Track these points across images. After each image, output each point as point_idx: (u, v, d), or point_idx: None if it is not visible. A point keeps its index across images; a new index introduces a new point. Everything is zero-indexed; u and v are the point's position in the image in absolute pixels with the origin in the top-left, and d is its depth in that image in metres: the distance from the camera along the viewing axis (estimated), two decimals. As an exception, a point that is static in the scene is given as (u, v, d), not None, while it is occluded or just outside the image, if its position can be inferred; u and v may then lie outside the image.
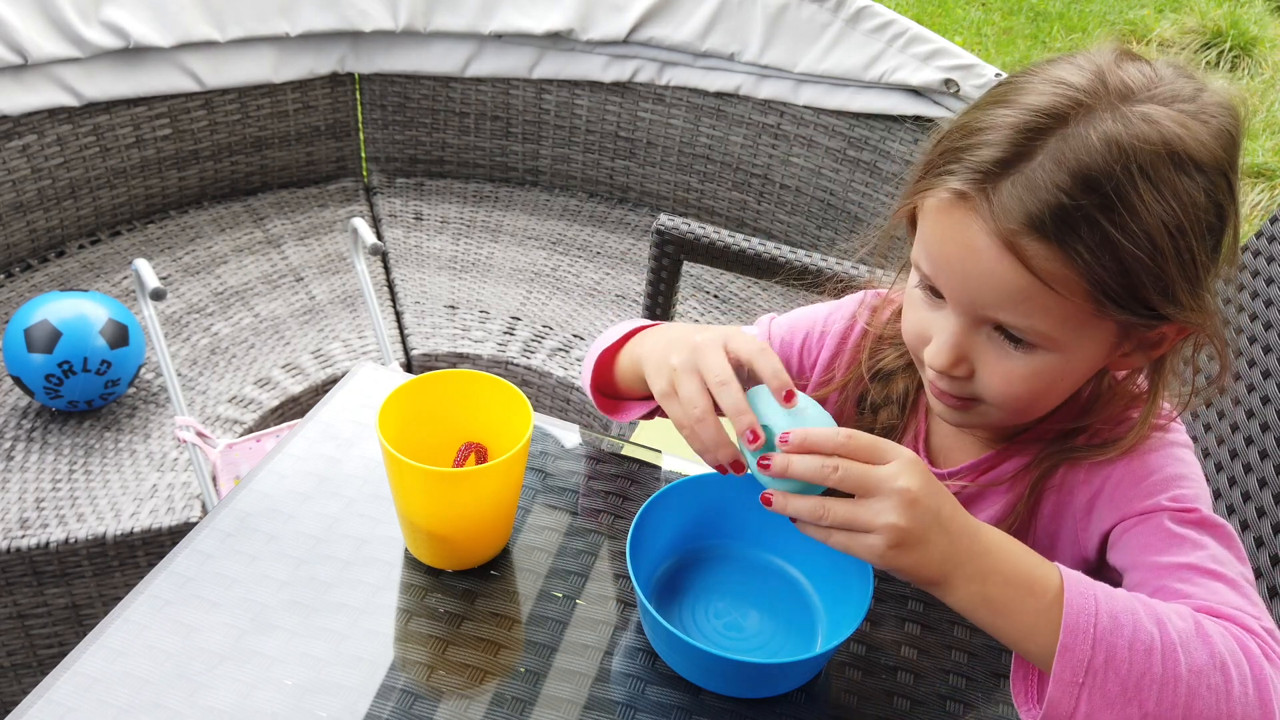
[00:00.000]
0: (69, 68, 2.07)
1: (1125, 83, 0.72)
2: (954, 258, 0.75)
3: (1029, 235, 0.70)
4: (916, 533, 0.65)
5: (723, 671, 0.77)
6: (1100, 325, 0.75)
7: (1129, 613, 0.67)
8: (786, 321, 1.05)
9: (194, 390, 1.90)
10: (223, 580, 0.83)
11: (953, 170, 0.74)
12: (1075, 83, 0.72)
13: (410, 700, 0.76)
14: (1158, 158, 0.69)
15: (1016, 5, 4.64)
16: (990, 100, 0.76)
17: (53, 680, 0.75)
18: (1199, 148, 0.71)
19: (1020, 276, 0.72)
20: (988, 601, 0.67)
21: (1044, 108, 0.71)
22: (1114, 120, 0.70)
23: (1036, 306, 0.73)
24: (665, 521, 0.84)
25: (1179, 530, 0.78)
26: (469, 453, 0.87)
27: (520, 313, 2.17)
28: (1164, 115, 0.71)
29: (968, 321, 0.77)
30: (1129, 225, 0.69)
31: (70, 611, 1.66)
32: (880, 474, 0.66)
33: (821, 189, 2.29)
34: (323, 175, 2.54)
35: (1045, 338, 0.75)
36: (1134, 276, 0.70)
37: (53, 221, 2.17)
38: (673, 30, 2.30)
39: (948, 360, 0.78)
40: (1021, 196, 0.70)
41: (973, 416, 0.83)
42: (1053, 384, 0.78)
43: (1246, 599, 0.74)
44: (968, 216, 0.73)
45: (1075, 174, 0.69)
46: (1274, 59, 4.27)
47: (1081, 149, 0.69)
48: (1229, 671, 0.66)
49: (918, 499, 0.65)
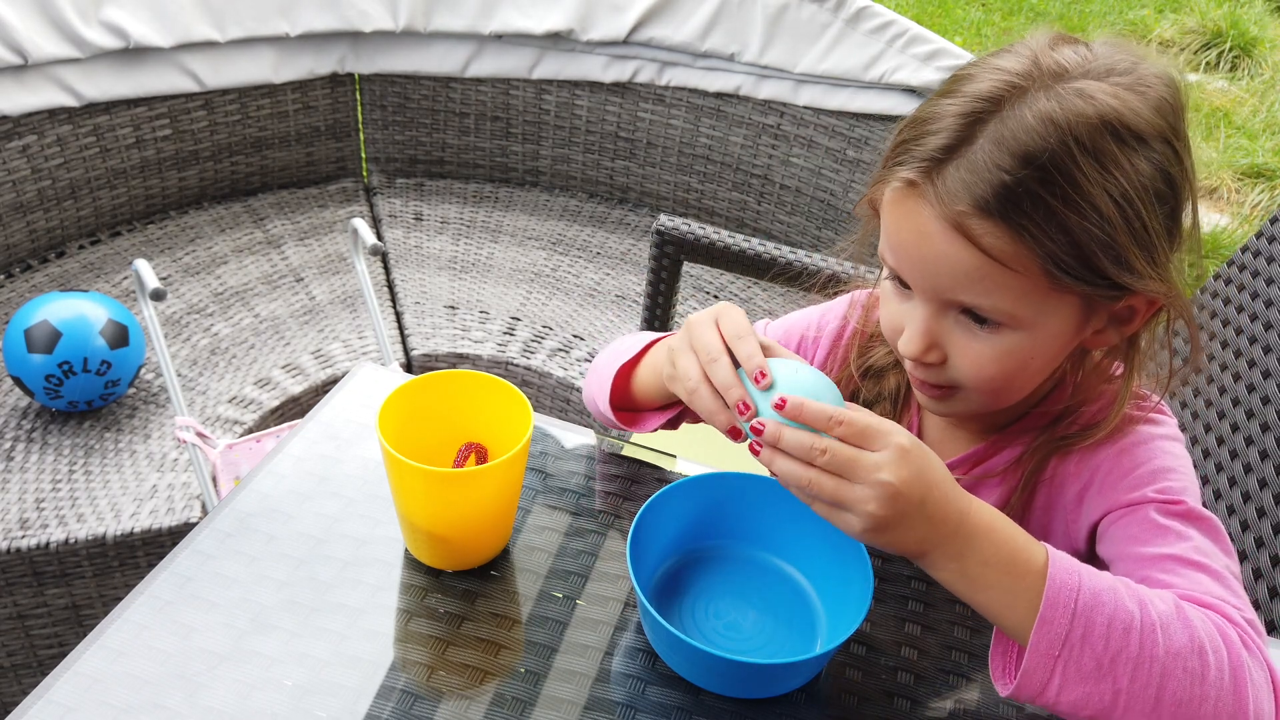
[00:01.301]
0: (69, 68, 2.07)
1: (1059, 63, 0.75)
2: (910, 245, 0.77)
3: (975, 216, 0.72)
4: (894, 520, 0.67)
5: (723, 672, 0.77)
6: (1062, 299, 0.76)
7: (1110, 591, 0.68)
8: (780, 326, 1.07)
9: (194, 390, 1.90)
10: (223, 580, 0.83)
11: (903, 161, 0.76)
12: (1011, 68, 0.75)
13: (410, 700, 0.76)
14: (1095, 130, 0.71)
15: (1016, 5, 4.64)
16: (939, 94, 0.78)
17: (53, 680, 0.75)
18: (1136, 118, 0.72)
19: (972, 256, 0.73)
20: (964, 577, 0.69)
21: (983, 93, 0.74)
22: (1048, 99, 0.72)
23: (994, 284, 0.74)
24: (665, 522, 0.84)
25: (1164, 522, 0.79)
26: (469, 453, 0.87)
27: (520, 313, 2.17)
28: (1098, 89, 0.73)
29: (934, 307, 0.79)
30: (1072, 197, 0.71)
31: (70, 611, 1.66)
32: (866, 463, 0.66)
33: (821, 189, 2.29)
34: (323, 176, 2.54)
35: (1009, 315, 0.76)
36: (1084, 248, 0.72)
37: (53, 222, 2.17)
38: (673, 31, 2.30)
39: (919, 347, 0.80)
40: (965, 179, 0.72)
41: (955, 404, 0.85)
42: (1024, 363, 0.79)
43: (1229, 590, 0.75)
44: (918, 204, 0.75)
45: (1014, 153, 0.71)
46: (1274, 59, 4.27)
47: (1019, 128, 0.72)
48: (1206, 657, 0.67)
49: (900, 492, 0.66)
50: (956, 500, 0.69)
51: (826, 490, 0.67)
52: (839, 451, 0.67)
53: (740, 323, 0.75)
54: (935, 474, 0.68)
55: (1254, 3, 4.68)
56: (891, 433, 0.67)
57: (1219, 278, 1.40)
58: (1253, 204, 3.39)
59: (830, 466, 0.67)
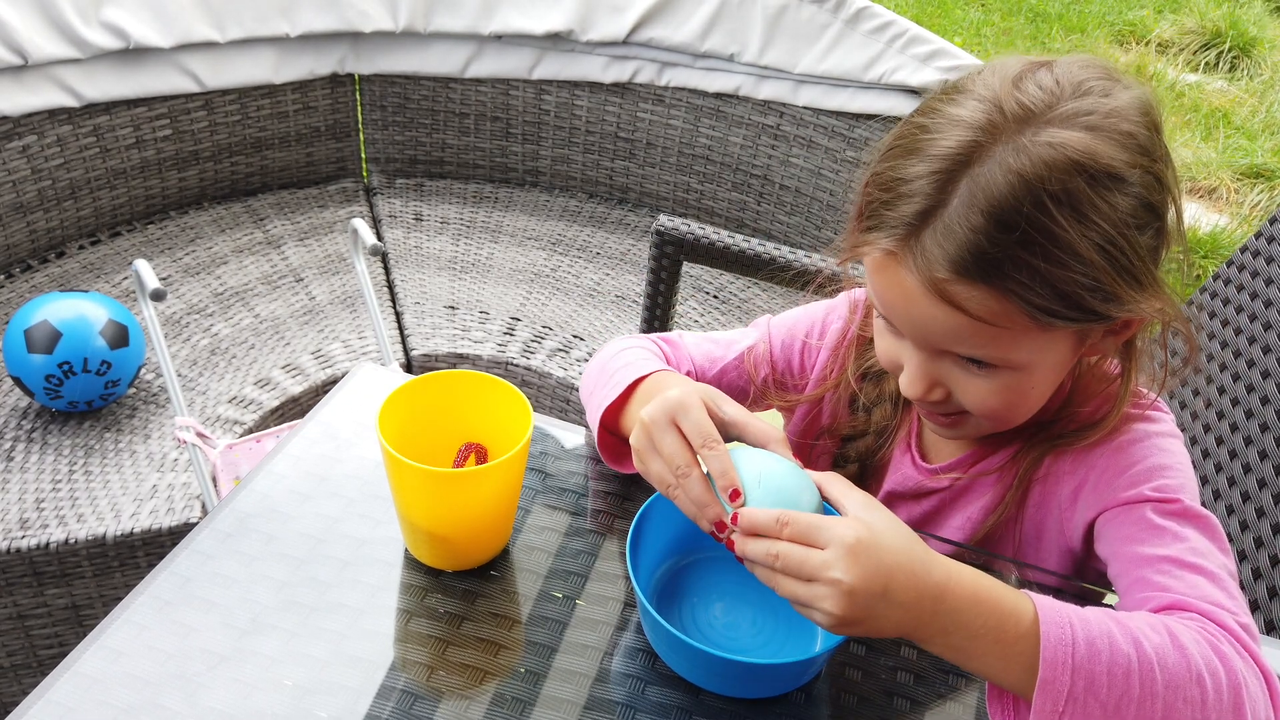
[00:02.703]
0: (69, 68, 2.07)
1: (1024, 105, 0.72)
2: (898, 305, 0.77)
3: (957, 281, 0.71)
4: (857, 614, 0.65)
5: (723, 671, 0.77)
6: (1054, 336, 0.76)
7: (1105, 636, 0.67)
8: (785, 323, 1.06)
9: (194, 391, 1.91)
10: (223, 580, 0.83)
11: (877, 226, 0.75)
12: (973, 121, 0.72)
13: (410, 700, 0.76)
14: (1070, 181, 0.69)
15: (1016, 6, 4.64)
16: (902, 151, 0.76)
17: (53, 680, 0.75)
18: (1111, 160, 0.70)
19: (958, 319, 0.73)
20: (954, 650, 0.68)
21: (949, 153, 0.72)
22: (1016, 154, 0.70)
23: (986, 339, 0.74)
24: (665, 522, 0.84)
25: (1160, 521, 0.79)
26: (469, 453, 0.87)
27: (520, 313, 2.17)
28: (1067, 137, 0.70)
29: (928, 353, 0.79)
30: (1054, 254, 0.69)
31: (70, 612, 1.66)
32: (815, 562, 0.65)
33: (821, 189, 2.29)
34: (323, 176, 2.54)
35: (1004, 360, 0.76)
36: (1071, 296, 0.71)
37: (53, 222, 2.17)
38: (672, 31, 2.30)
39: (919, 390, 0.81)
40: (942, 245, 0.71)
41: (967, 429, 0.86)
42: (1025, 394, 0.80)
43: (1225, 592, 0.75)
44: (899, 270, 0.75)
45: (988, 215, 0.69)
46: (1273, 59, 4.27)
47: (989, 188, 0.70)
48: (1204, 682, 0.67)
49: (854, 589, 0.64)
50: (929, 576, 0.66)
51: (788, 591, 0.67)
52: (789, 554, 0.66)
53: (703, 427, 0.73)
54: (896, 558, 0.65)
55: (1253, 3, 4.68)
56: (834, 527, 0.65)
57: (1218, 278, 1.40)
58: (1252, 204, 3.39)
59: (786, 570, 0.66)
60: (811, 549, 0.66)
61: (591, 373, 0.98)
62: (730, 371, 1.04)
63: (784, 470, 0.72)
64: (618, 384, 0.90)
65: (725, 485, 0.71)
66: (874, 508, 0.69)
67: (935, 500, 0.96)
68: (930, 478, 0.95)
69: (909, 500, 0.97)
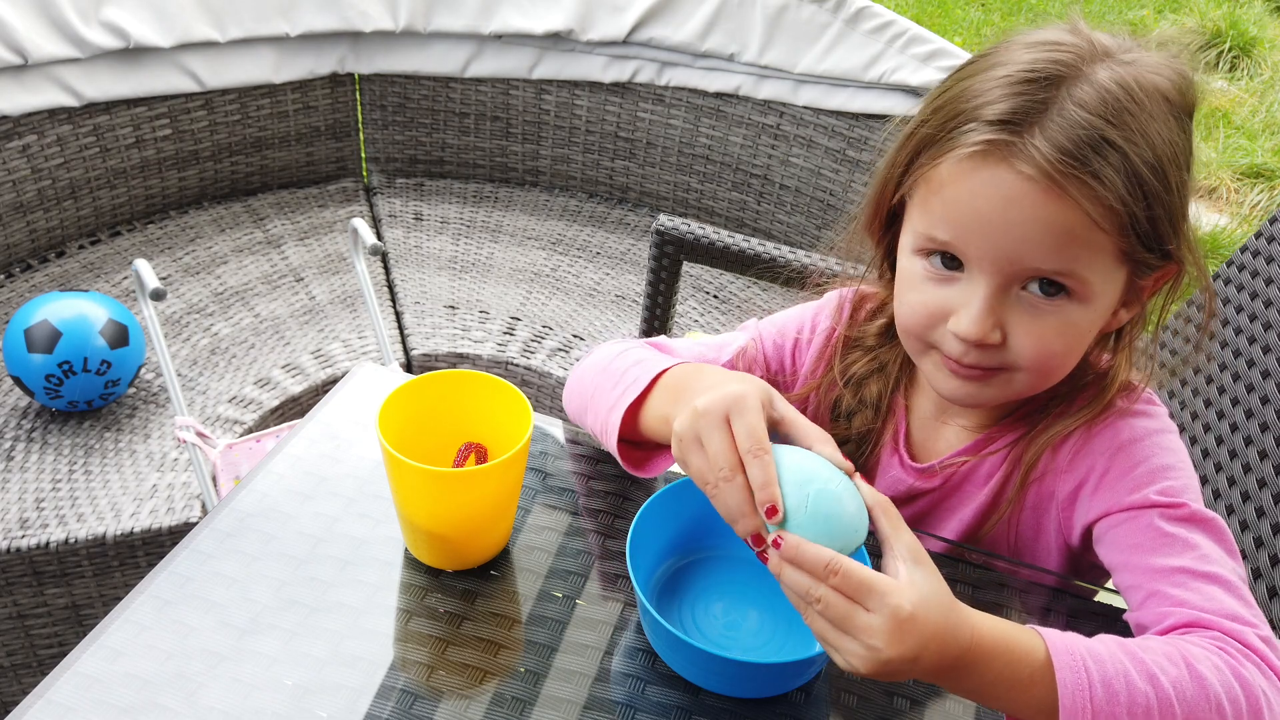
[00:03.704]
0: (69, 68, 2.07)
1: (1103, 42, 0.77)
2: (991, 213, 0.75)
3: (1069, 170, 0.72)
4: (882, 674, 0.64)
5: (723, 671, 0.77)
6: (1119, 270, 0.78)
7: (1121, 676, 0.67)
8: (775, 324, 1.04)
9: (194, 390, 1.90)
10: (223, 580, 0.83)
11: (968, 130, 0.75)
12: (1064, 41, 0.77)
13: (410, 700, 0.76)
14: (1155, 98, 0.75)
15: (1016, 6, 4.64)
16: (971, 72, 0.78)
17: (53, 680, 0.75)
18: (1178, 95, 0.77)
19: (1065, 215, 0.73)
20: (970, 694, 0.69)
21: (1047, 60, 0.75)
22: (1115, 66, 0.75)
23: (1080, 248, 0.74)
24: (665, 522, 0.84)
25: (1169, 529, 0.79)
26: (469, 453, 0.87)
27: (520, 313, 2.17)
28: (1149, 64, 0.76)
29: (999, 282, 0.77)
30: (1148, 156, 0.73)
31: (70, 611, 1.66)
32: (859, 623, 0.63)
33: (821, 189, 2.29)
34: (323, 176, 2.54)
35: (1081, 283, 0.76)
36: (1154, 208, 0.74)
37: (53, 222, 2.17)
38: (672, 31, 2.30)
39: (983, 328, 0.77)
40: (1055, 137, 0.72)
41: (993, 388, 0.82)
42: (1080, 338, 0.80)
43: (1241, 601, 0.75)
44: (999, 167, 0.74)
45: (1100, 113, 0.72)
46: (1273, 59, 4.27)
47: (1101, 88, 0.73)
48: (1224, 710, 0.67)
49: (891, 659, 0.63)
50: (957, 642, 0.65)
51: (818, 631, 0.66)
52: (833, 605, 0.64)
53: (756, 431, 0.68)
54: (934, 630, 0.64)
55: (1253, 3, 4.68)
56: (888, 594, 0.63)
57: (1218, 278, 1.40)
58: (1252, 204, 3.39)
59: (826, 615, 0.64)
60: (857, 606, 0.64)
61: (586, 376, 0.92)
62: None
63: (836, 491, 0.68)
64: (636, 379, 0.84)
65: (764, 500, 0.67)
66: (921, 563, 0.66)
67: (925, 502, 0.95)
68: (921, 477, 0.94)
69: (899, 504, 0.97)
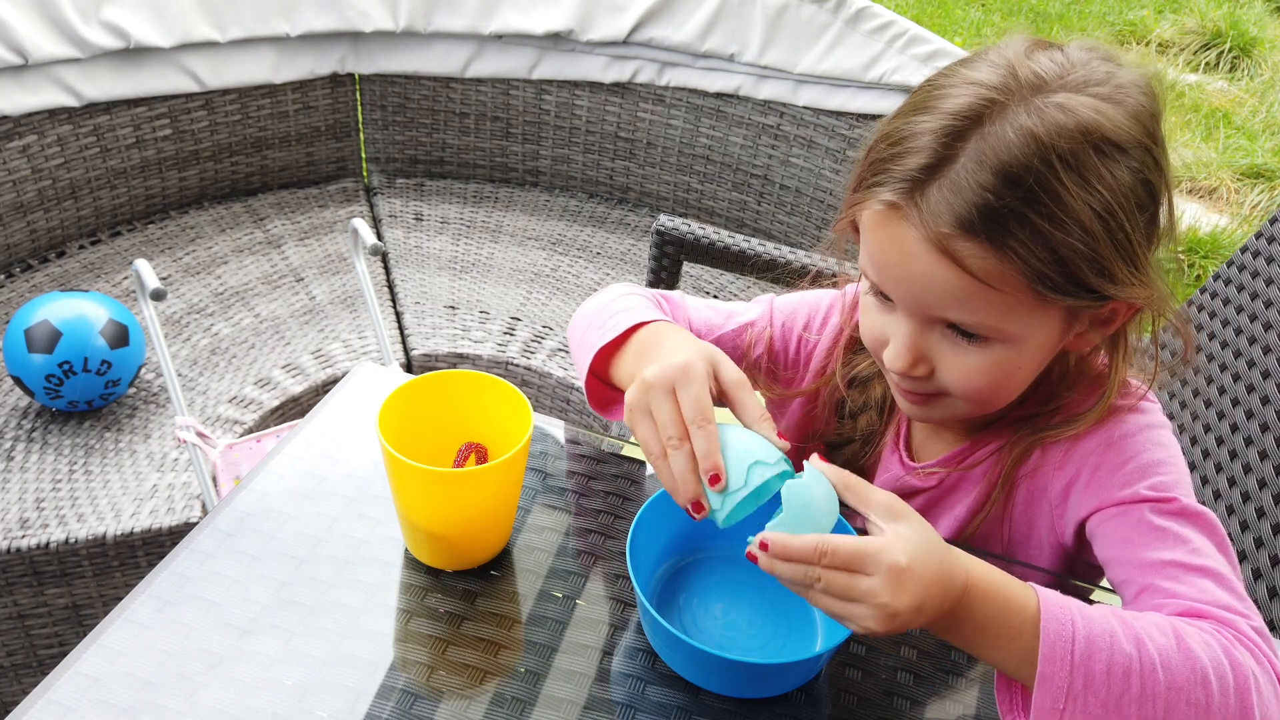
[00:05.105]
0: (69, 68, 2.07)
1: (1037, 74, 0.73)
2: (895, 265, 0.77)
3: (961, 237, 0.72)
4: (894, 628, 0.66)
5: (723, 671, 0.77)
6: (1047, 311, 0.76)
7: (1106, 635, 0.67)
8: (789, 305, 1.05)
9: (194, 390, 1.91)
10: (222, 580, 0.83)
11: (882, 181, 0.75)
12: (988, 81, 0.73)
13: (410, 700, 0.76)
14: (1077, 145, 0.71)
15: (1016, 6, 4.64)
16: (911, 108, 0.77)
17: (53, 680, 0.75)
18: (1116, 129, 0.72)
19: (958, 277, 0.73)
20: (961, 640, 0.70)
21: (961, 110, 0.73)
22: (1028, 114, 0.71)
23: (980, 303, 0.74)
24: (665, 522, 0.84)
25: (1161, 523, 0.79)
26: (469, 453, 0.87)
27: (520, 313, 2.17)
28: (1078, 102, 0.72)
29: (919, 322, 0.79)
30: (1057, 215, 0.70)
31: (70, 611, 1.66)
32: (861, 588, 0.65)
33: (821, 189, 2.29)
34: (323, 176, 2.54)
35: (995, 330, 0.76)
36: (1070, 264, 0.72)
37: (53, 222, 2.17)
38: (673, 31, 2.30)
39: (906, 362, 0.80)
40: (948, 200, 0.72)
41: (939, 410, 0.85)
42: (1010, 373, 0.80)
43: (1232, 593, 0.75)
44: (901, 225, 0.74)
45: (997, 171, 0.70)
46: (1274, 59, 4.27)
47: (1000, 146, 0.71)
48: (1210, 685, 0.67)
49: (898, 611, 0.65)
50: (954, 584, 0.67)
51: (826, 607, 0.67)
52: (832, 581, 0.66)
53: (701, 402, 0.73)
54: (933, 575, 0.66)
55: (1254, 3, 4.68)
56: (880, 554, 0.65)
57: (1218, 278, 1.40)
58: (1252, 204, 3.39)
59: (829, 593, 0.66)
60: (855, 574, 0.65)
61: (587, 312, 0.96)
62: (726, 343, 1.02)
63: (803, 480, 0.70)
64: (614, 327, 0.88)
65: (707, 468, 0.71)
66: (900, 517, 0.68)
67: (922, 500, 0.96)
68: (917, 476, 0.95)
69: None
